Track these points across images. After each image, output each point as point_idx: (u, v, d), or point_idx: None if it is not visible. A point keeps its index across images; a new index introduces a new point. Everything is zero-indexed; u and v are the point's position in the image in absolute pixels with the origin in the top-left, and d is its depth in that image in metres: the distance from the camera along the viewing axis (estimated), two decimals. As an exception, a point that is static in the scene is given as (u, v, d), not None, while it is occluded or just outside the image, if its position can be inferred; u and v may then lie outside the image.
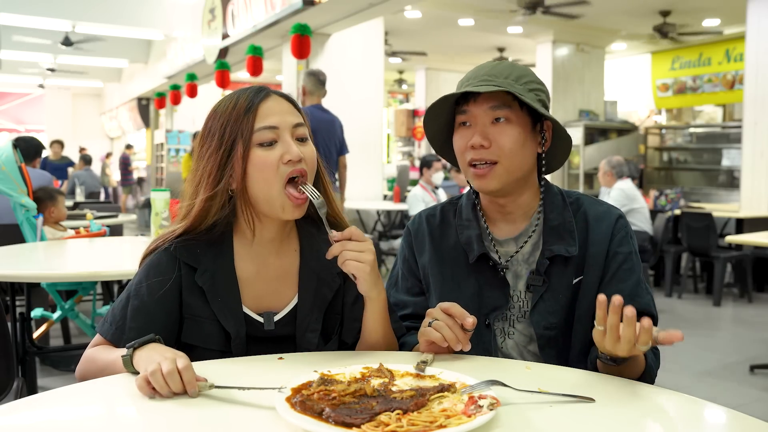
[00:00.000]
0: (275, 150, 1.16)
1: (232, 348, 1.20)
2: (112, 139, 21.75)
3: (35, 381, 2.77)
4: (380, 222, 7.88)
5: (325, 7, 6.56)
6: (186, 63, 11.09)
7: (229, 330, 1.19)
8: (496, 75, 1.25)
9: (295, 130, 1.19)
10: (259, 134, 1.16)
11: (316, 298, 1.25)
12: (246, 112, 1.16)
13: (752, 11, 6.59)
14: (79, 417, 0.95)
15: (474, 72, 1.30)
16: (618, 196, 5.34)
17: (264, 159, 1.16)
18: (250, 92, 1.20)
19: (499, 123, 1.25)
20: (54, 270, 2.53)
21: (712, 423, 0.97)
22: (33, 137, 4.73)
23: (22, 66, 15.75)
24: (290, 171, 1.16)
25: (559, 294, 1.27)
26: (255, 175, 1.17)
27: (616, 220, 1.30)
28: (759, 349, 4.20)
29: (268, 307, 1.24)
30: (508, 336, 1.31)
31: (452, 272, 1.34)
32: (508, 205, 1.32)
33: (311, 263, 1.27)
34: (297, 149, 1.17)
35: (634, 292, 1.25)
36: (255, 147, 1.16)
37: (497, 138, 1.25)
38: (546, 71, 9.55)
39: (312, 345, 1.23)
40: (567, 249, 1.27)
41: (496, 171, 1.26)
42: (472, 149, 1.26)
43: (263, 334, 1.23)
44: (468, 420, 0.84)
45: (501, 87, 1.23)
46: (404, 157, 14.54)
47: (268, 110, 1.18)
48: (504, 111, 1.25)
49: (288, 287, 1.26)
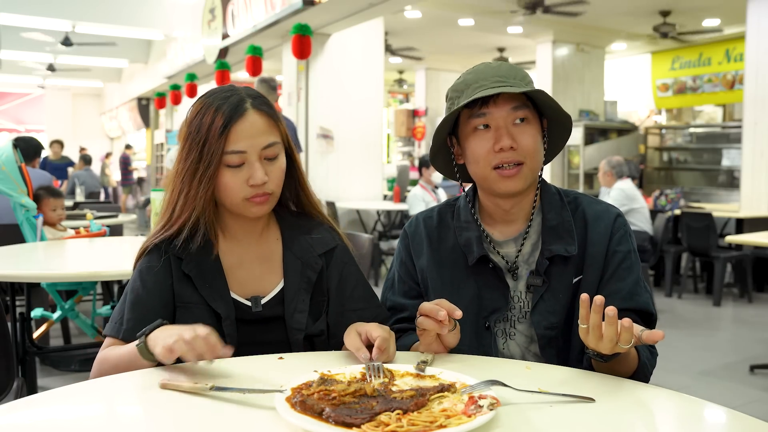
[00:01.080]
0: (242, 172, 1.23)
1: (224, 329, 1.23)
2: (112, 139, 21.75)
3: (35, 381, 2.78)
4: (380, 222, 7.88)
5: (325, 7, 6.56)
6: (186, 63, 11.09)
7: (219, 312, 1.24)
8: (506, 76, 1.25)
9: (264, 151, 1.24)
10: (228, 157, 1.22)
11: (302, 280, 1.31)
12: (220, 134, 1.21)
13: (752, 11, 6.58)
14: (79, 417, 0.95)
15: (476, 75, 1.27)
16: (618, 195, 5.35)
17: (229, 180, 1.23)
18: (228, 108, 1.22)
19: (521, 124, 1.25)
20: (54, 270, 2.53)
21: (712, 423, 0.97)
22: (32, 137, 4.73)
23: (22, 66, 15.75)
24: (252, 194, 1.24)
25: (560, 294, 1.27)
26: (221, 192, 1.25)
27: (615, 218, 1.30)
28: (759, 349, 4.20)
29: (254, 292, 1.30)
30: (509, 337, 1.31)
31: (451, 275, 1.34)
32: (512, 208, 1.32)
33: (293, 249, 1.34)
34: (261, 174, 1.22)
35: (633, 291, 1.25)
36: (224, 167, 1.23)
37: (521, 139, 1.25)
38: (546, 71, 9.55)
39: (301, 324, 1.28)
40: (566, 249, 1.27)
41: (523, 172, 1.26)
42: (500, 152, 1.24)
43: (251, 316, 1.28)
44: (468, 420, 0.84)
45: (520, 88, 1.22)
46: (404, 157, 14.54)
47: (241, 133, 1.22)
48: (524, 111, 1.25)
49: (272, 273, 1.32)
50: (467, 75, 1.29)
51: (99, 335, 3.28)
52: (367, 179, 7.91)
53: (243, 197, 1.24)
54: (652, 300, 1.28)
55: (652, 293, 1.30)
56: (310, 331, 1.29)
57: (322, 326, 1.31)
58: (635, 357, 1.14)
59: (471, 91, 1.25)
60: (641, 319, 1.24)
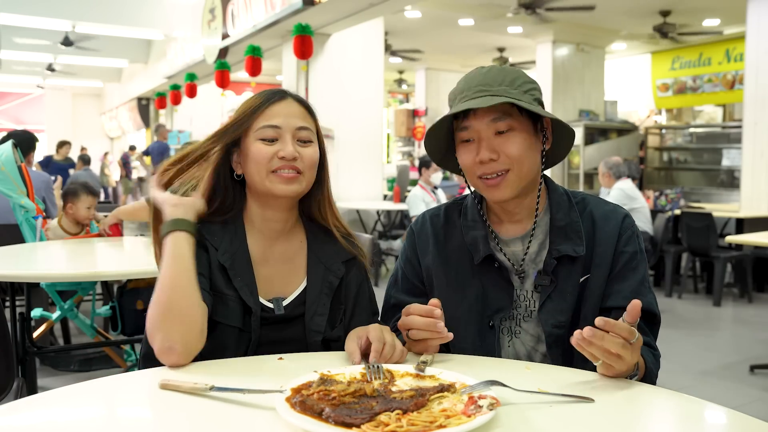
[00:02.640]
0: (274, 146, 1.27)
1: (252, 324, 1.25)
2: (112, 139, 21.75)
3: (35, 381, 2.77)
4: (380, 222, 7.88)
5: (325, 7, 6.56)
6: (186, 63, 11.09)
7: (251, 305, 1.25)
8: (490, 83, 1.23)
9: (298, 132, 1.29)
10: (262, 131, 1.27)
11: (323, 284, 1.33)
12: (256, 109, 1.29)
13: (752, 11, 6.58)
14: (79, 417, 0.95)
15: (465, 83, 1.27)
16: (618, 195, 5.34)
17: (260, 151, 1.27)
18: (269, 93, 1.31)
19: (504, 133, 1.24)
20: (54, 270, 2.53)
21: (712, 423, 0.97)
22: (25, 131, 4.67)
23: (22, 66, 15.76)
24: (280, 165, 1.26)
25: (567, 293, 1.27)
26: (251, 166, 1.28)
27: (623, 219, 1.30)
28: (759, 349, 4.20)
29: (277, 292, 1.31)
30: (515, 335, 1.31)
31: (456, 274, 1.34)
32: (515, 208, 1.32)
33: (318, 253, 1.36)
34: (292, 148, 1.27)
35: (637, 290, 1.25)
36: (257, 141, 1.28)
37: (504, 148, 1.24)
38: (546, 71, 9.55)
39: (320, 327, 1.30)
40: (575, 249, 1.27)
41: (509, 179, 1.25)
42: (480, 164, 1.25)
43: (273, 318, 1.29)
44: (468, 420, 0.84)
45: (497, 96, 1.21)
46: (404, 157, 14.53)
47: (276, 111, 1.29)
48: (506, 122, 1.24)
49: (295, 274, 1.34)
50: (460, 81, 1.29)
51: (98, 335, 3.28)
52: (367, 179, 7.91)
53: (270, 169, 1.26)
54: (655, 301, 1.28)
55: (655, 294, 1.30)
56: (328, 336, 1.30)
57: (339, 333, 1.32)
58: (643, 369, 1.14)
59: (458, 101, 1.26)
60: (644, 319, 1.24)
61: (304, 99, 1.34)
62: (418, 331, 1.15)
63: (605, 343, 1.00)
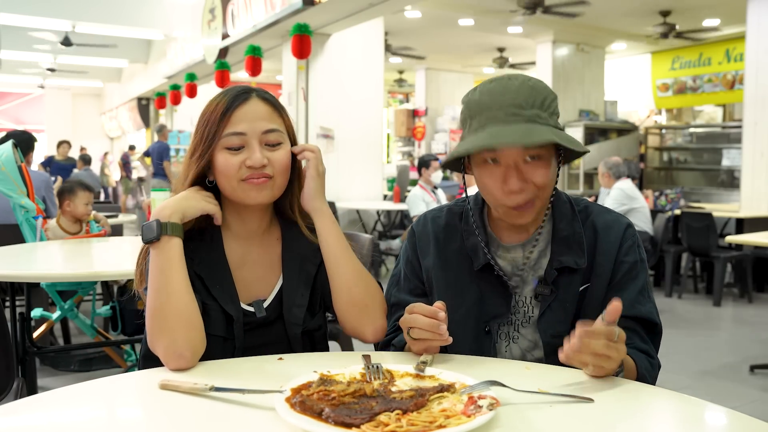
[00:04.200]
0: (241, 154, 1.24)
1: (234, 331, 1.24)
2: (112, 139, 21.74)
3: (35, 381, 2.77)
4: (380, 222, 7.88)
5: (325, 7, 6.56)
6: (186, 63, 11.09)
7: (231, 313, 1.25)
8: (522, 106, 1.16)
9: (265, 136, 1.25)
10: (227, 139, 1.23)
11: (301, 274, 1.32)
12: (221, 116, 1.24)
13: (752, 11, 6.58)
14: (78, 417, 0.95)
15: (491, 98, 1.19)
16: (618, 195, 5.34)
17: (227, 161, 1.24)
18: (231, 95, 1.26)
19: (532, 161, 1.19)
20: (54, 270, 2.53)
21: (712, 423, 0.97)
22: (24, 131, 4.68)
23: (22, 66, 15.76)
24: (249, 175, 1.23)
25: (567, 303, 1.26)
26: (220, 174, 1.26)
27: (625, 229, 1.29)
28: (759, 349, 4.20)
29: (256, 295, 1.30)
30: (512, 340, 1.30)
31: (455, 278, 1.33)
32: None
33: (292, 245, 1.35)
34: (259, 156, 1.23)
35: (635, 300, 1.24)
36: (223, 150, 1.24)
37: (533, 177, 1.19)
38: (546, 71, 9.55)
39: (298, 319, 1.29)
40: (576, 261, 1.26)
41: (535, 205, 1.23)
42: (509, 194, 1.19)
43: (255, 320, 1.28)
44: (467, 420, 0.84)
45: (535, 124, 1.15)
46: (404, 157, 14.51)
47: (242, 116, 1.24)
48: (537, 150, 1.18)
49: (272, 273, 1.33)
50: (483, 95, 1.20)
51: (98, 335, 3.28)
52: (367, 179, 7.92)
53: (239, 178, 1.23)
54: (655, 309, 1.27)
55: (655, 303, 1.28)
56: (308, 326, 1.30)
57: (320, 321, 1.33)
58: (633, 369, 1.14)
59: (483, 118, 1.18)
60: (643, 328, 1.24)
61: (270, 96, 1.29)
62: (420, 331, 1.14)
63: (591, 346, 1.00)
